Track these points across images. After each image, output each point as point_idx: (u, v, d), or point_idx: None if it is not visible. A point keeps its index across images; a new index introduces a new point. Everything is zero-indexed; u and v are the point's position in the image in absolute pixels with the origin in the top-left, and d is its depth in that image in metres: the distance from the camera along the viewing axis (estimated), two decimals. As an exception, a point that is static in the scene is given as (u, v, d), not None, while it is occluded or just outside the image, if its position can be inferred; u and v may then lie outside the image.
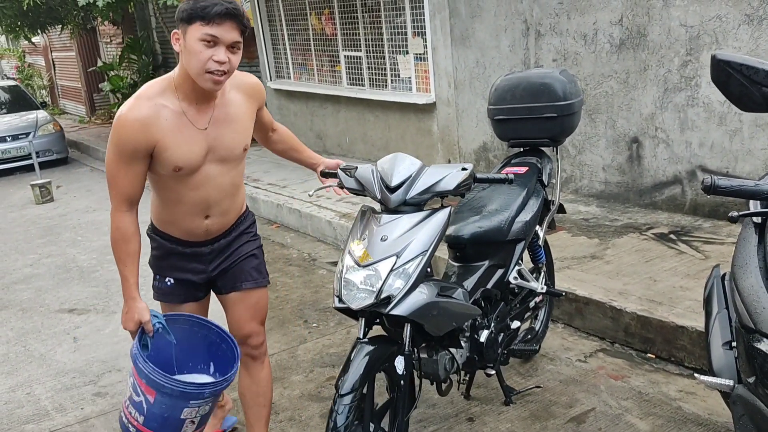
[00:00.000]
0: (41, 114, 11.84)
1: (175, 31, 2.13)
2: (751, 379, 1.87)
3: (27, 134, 10.94)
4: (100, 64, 13.90)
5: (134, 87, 12.62)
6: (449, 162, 6.59)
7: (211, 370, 2.48)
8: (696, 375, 2.10)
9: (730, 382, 2.03)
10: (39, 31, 12.94)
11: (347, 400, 2.19)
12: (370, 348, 2.32)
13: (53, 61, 18.26)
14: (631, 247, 4.28)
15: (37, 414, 3.43)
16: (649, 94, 4.76)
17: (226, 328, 2.51)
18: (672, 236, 4.36)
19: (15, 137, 10.95)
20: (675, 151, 4.69)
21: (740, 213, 1.57)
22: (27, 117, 11.60)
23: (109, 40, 14.57)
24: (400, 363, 2.38)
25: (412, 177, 2.42)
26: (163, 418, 2.23)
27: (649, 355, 3.32)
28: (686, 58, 4.48)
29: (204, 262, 2.46)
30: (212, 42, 2.05)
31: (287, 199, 6.50)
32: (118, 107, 9.82)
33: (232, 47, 2.10)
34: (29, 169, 9.97)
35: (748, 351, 2.01)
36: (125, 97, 12.88)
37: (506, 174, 3.12)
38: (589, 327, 3.62)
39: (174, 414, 2.24)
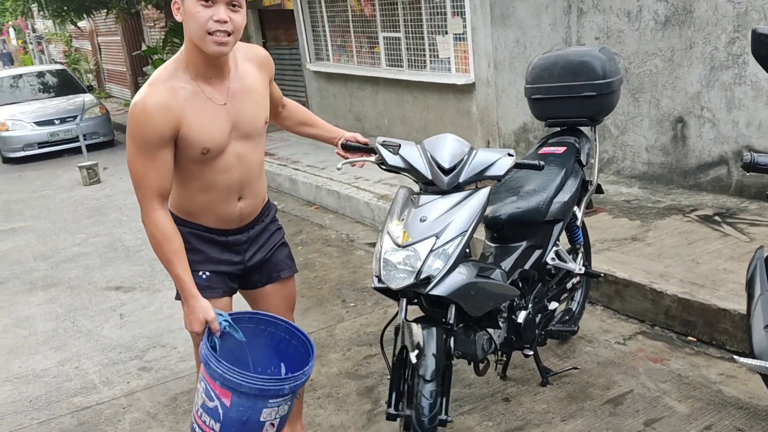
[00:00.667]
0: (88, 97, 12.12)
1: (174, 1, 2.03)
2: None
3: (74, 117, 11.22)
4: (144, 48, 14.12)
5: (177, 70, 12.82)
6: (488, 143, 6.54)
7: (283, 371, 2.31)
8: (736, 357, 2.07)
9: (772, 365, 1.99)
10: (84, 16, 13.20)
11: (432, 386, 2.23)
12: (437, 331, 2.34)
13: (99, 46, 18.65)
14: (674, 229, 4.20)
15: (84, 387, 3.56)
16: (694, 73, 4.63)
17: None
18: (716, 218, 4.26)
19: (63, 120, 11.24)
20: (721, 131, 4.56)
21: (781, 191, 1.53)
22: (74, 100, 11.90)
23: (152, 24, 14.79)
24: (451, 343, 2.40)
25: (464, 160, 2.43)
26: (241, 422, 2.06)
27: (690, 338, 3.27)
28: (733, 35, 4.34)
29: (240, 251, 2.35)
30: (210, 1, 1.96)
31: (326, 181, 6.54)
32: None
33: (232, 5, 2.00)
34: (77, 151, 10.23)
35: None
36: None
37: (544, 153, 3.13)
38: (628, 309, 3.57)
39: (253, 416, 2.06)
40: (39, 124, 11.09)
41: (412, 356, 2.28)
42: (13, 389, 3.62)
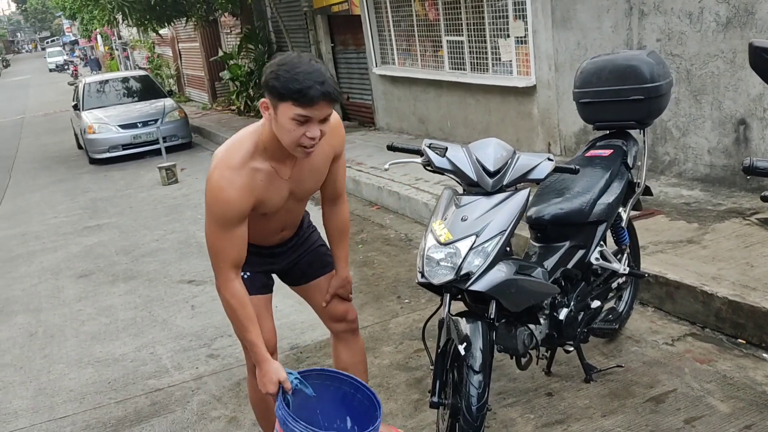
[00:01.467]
0: (168, 102, 12.75)
1: (263, 100, 2.10)
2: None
3: (155, 121, 11.84)
4: (220, 53, 14.73)
5: (251, 75, 13.31)
6: (549, 145, 6.57)
7: (348, 425, 2.39)
8: None
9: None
10: (166, 24, 13.89)
11: (480, 377, 2.36)
12: (483, 325, 2.47)
13: (179, 52, 19.50)
14: (732, 232, 4.16)
15: (158, 371, 3.86)
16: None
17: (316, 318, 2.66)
18: (777, 221, 4.20)
19: (145, 123, 11.88)
20: (785, 133, 4.48)
21: (774, 193, 1.59)
22: (155, 104, 12.54)
23: (229, 31, 15.40)
24: (492, 337, 2.53)
25: (508, 163, 2.56)
26: None
27: (740, 340, 3.27)
28: (799, 34, 4.26)
29: (279, 258, 2.59)
30: (306, 121, 2.04)
31: (387, 182, 6.73)
32: (237, 95, 10.39)
33: (322, 120, 2.09)
34: (157, 153, 10.81)
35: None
36: (243, 84, 13.62)
37: (590, 155, 3.21)
38: (679, 311, 3.59)
39: None
40: (123, 127, 11.75)
41: (461, 348, 2.41)
42: (94, 372, 3.97)
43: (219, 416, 3.30)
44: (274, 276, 2.69)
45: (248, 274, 2.47)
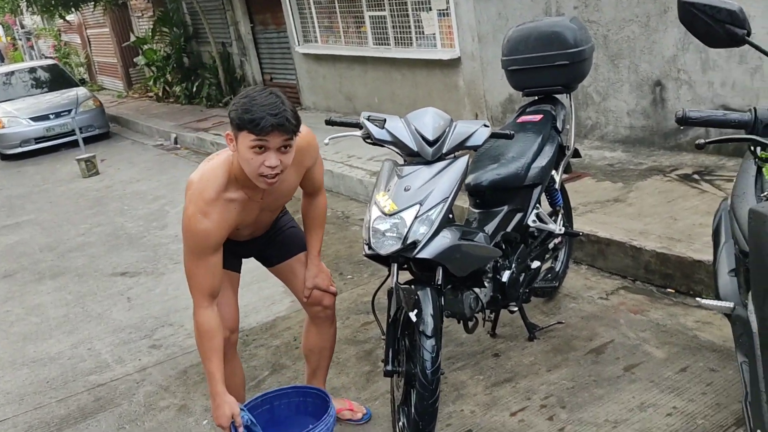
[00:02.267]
0: (81, 91, 12.22)
1: (228, 132, 2.19)
2: (748, 300, 2.01)
3: (69, 111, 11.34)
4: (133, 38, 14.18)
5: (167, 59, 12.90)
6: (476, 116, 6.69)
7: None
8: (698, 299, 2.24)
9: (730, 304, 2.17)
10: (72, 9, 13.25)
11: (433, 341, 2.39)
12: (431, 291, 2.51)
13: (88, 38, 18.66)
14: (655, 189, 4.37)
15: (98, 366, 3.75)
16: (670, 37, 4.77)
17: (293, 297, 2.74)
18: (695, 176, 4.43)
19: (58, 114, 11.34)
20: (698, 92, 4.71)
21: (706, 141, 1.69)
22: (67, 94, 11.99)
23: (140, 14, 14.84)
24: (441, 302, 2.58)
25: (446, 132, 2.60)
26: None
27: (669, 290, 3.45)
28: (706, -3, 4.47)
29: (249, 245, 2.63)
30: (263, 149, 2.11)
31: (320, 161, 6.69)
32: (154, 81, 10.05)
33: (283, 147, 2.14)
34: (74, 144, 10.37)
35: (744, 274, 2.14)
36: (159, 70, 13.19)
37: (522, 121, 3.29)
38: (611, 267, 3.75)
39: None
40: (34, 119, 11.20)
41: (412, 315, 2.45)
42: (30, 372, 3.82)
43: (168, 405, 3.25)
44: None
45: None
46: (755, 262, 1.53)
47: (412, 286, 2.55)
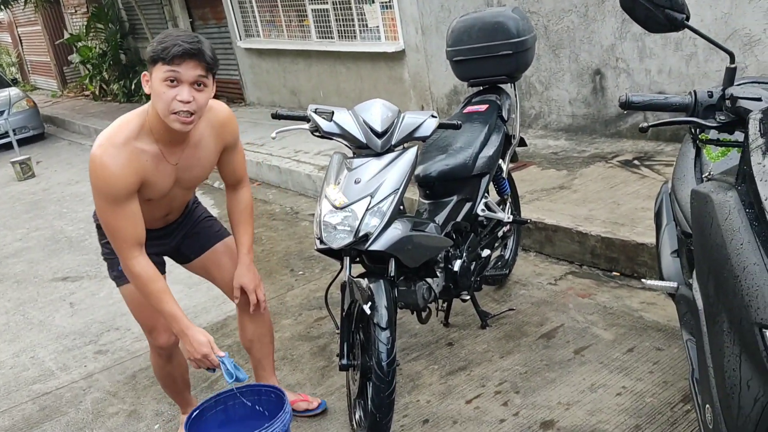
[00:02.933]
0: (14, 91, 11.76)
1: (144, 72, 2.12)
2: (691, 280, 2.06)
3: (1, 113, 10.89)
4: (66, 36, 13.73)
5: (103, 56, 12.52)
6: (422, 108, 6.71)
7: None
8: (643, 280, 2.30)
9: (674, 284, 2.24)
10: (2, 7, 12.72)
11: (388, 333, 2.38)
12: (385, 283, 2.49)
13: (20, 37, 17.98)
14: (598, 175, 4.47)
15: (42, 375, 3.62)
16: (608, 26, 4.88)
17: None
18: (636, 162, 4.55)
19: (-11, 116, 10.90)
20: (636, 80, 4.84)
21: (649, 124, 1.73)
22: (-1, 95, 11.53)
23: (73, 11, 14.36)
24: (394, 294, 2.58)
25: (395, 123, 2.59)
26: None
27: (614, 273, 3.54)
28: (641, -13, 4.59)
29: (165, 239, 2.53)
30: (175, 81, 2.04)
31: (266, 157, 6.62)
32: (90, 79, 9.77)
33: (197, 85, 2.08)
34: (7, 147, 9.98)
35: (687, 255, 2.21)
36: (96, 67, 12.79)
37: (468, 112, 3.32)
38: (558, 253, 3.82)
39: None
40: (-36, 121, 10.73)
41: (366, 308, 2.43)
42: (-31, 384, 3.66)
43: (117, 411, 3.16)
44: (168, 260, 2.62)
45: None
46: (698, 241, 1.58)
47: (365, 279, 2.55)
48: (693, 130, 1.75)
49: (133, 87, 11.98)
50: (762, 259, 1.34)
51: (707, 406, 1.55)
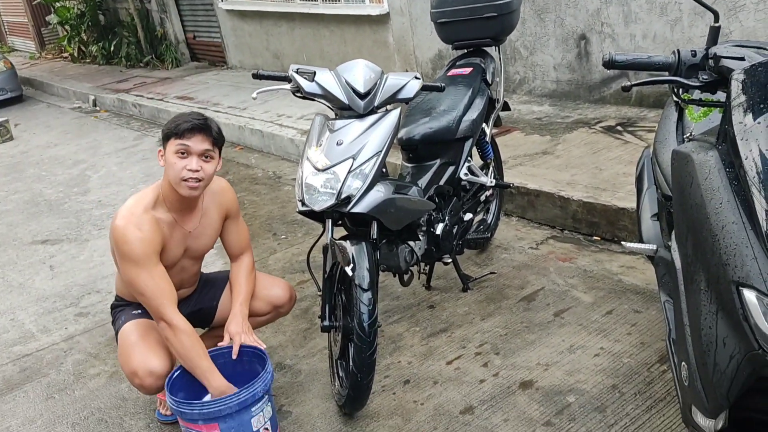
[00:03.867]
0: (-11, 52, 11.49)
1: (159, 149, 2.37)
2: (671, 242, 2.08)
3: (-23, 74, 10.66)
4: (43, -5, 13.36)
5: (82, 17, 12.24)
6: (407, 72, 6.64)
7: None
8: (623, 243, 2.32)
9: (653, 247, 2.26)
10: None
11: (369, 294, 2.38)
12: (367, 245, 2.49)
13: (-6, -4, 17.48)
14: (581, 141, 4.47)
15: (22, 337, 3.60)
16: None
17: None
18: (618, 128, 4.56)
19: (-35, 78, 10.66)
20: (620, 45, 4.82)
21: (632, 83, 1.73)
22: (-26, 56, 11.26)
23: (50, -30, 13.96)
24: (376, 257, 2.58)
25: (378, 84, 2.56)
26: None
27: (595, 237, 3.57)
28: (628, -49, 4.54)
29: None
30: (185, 153, 2.30)
31: (248, 121, 6.55)
32: (68, 41, 9.62)
33: (204, 156, 2.33)
34: (-16, 109, 9.79)
35: (667, 218, 2.23)
36: (74, 28, 12.51)
37: (452, 75, 3.29)
38: (540, 217, 3.84)
39: (246, 430, 2.24)
40: (-61, 83, 10.49)
41: (348, 270, 2.43)
42: (-52, 347, 3.63)
43: (98, 373, 3.16)
44: None
45: (141, 310, 2.53)
46: (678, 201, 1.59)
47: (347, 242, 2.54)
48: (675, 90, 1.74)
49: (112, 49, 11.75)
50: (740, 218, 1.35)
51: (683, 363, 1.57)
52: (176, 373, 2.39)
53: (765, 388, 1.44)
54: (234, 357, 2.44)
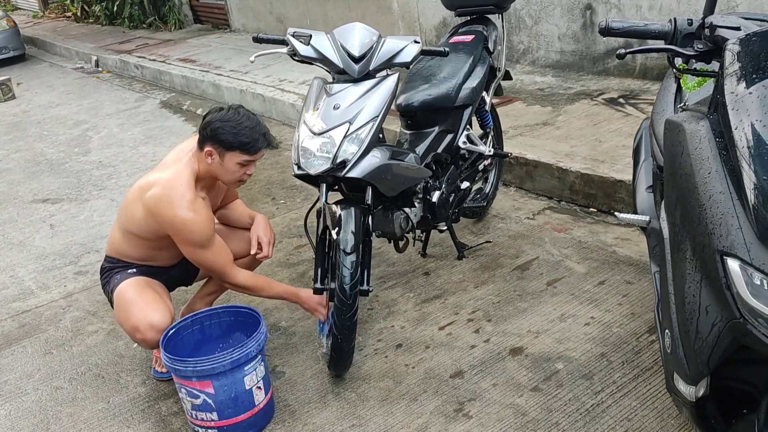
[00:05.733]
0: (-9, 10, 11.39)
1: (209, 149, 2.38)
2: (661, 211, 2.09)
3: (-21, 32, 10.59)
4: (46, -48, 13.22)
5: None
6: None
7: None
8: (616, 213, 2.33)
9: (646, 218, 2.27)
10: None
11: (352, 257, 2.40)
12: (355, 210, 2.50)
13: (-4, -48, 17.28)
14: (582, 112, 4.45)
15: (22, 293, 3.64)
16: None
17: None
18: (621, 100, 4.53)
19: (-33, 35, 10.60)
20: (626, 16, 4.77)
21: (626, 51, 1.72)
22: (-24, 14, 11.17)
23: (53, -74, 13.79)
24: (369, 222, 2.59)
25: (374, 48, 2.54)
26: (232, 399, 2.28)
27: (591, 209, 3.58)
28: None
29: (173, 270, 2.74)
30: (248, 163, 2.44)
31: (250, 85, 6.51)
32: (72, 0, 9.56)
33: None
34: (-14, 67, 9.75)
35: (660, 189, 2.24)
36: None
37: (454, 42, 3.27)
38: (538, 188, 3.85)
39: (239, 388, 2.28)
40: (-60, 40, 10.43)
41: (333, 233, 2.46)
42: (-52, 301, 3.68)
43: (96, 330, 3.20)
44: None
45: (135, 269, 2.62)
46: (668, 170, 1.59)
47: (337, 206, 2.56)
48: (671, 59, 1.74)
49: (115, 9, 11.64)
50: (728, 188, 1.36)
51: (666, 331, 1.60)
52: (171, 331, 2.42)
53: (745, 358, 1.46)
54: (269, 256, 2.71)
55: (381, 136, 2.67)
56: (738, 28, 1.58)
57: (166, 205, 2.37)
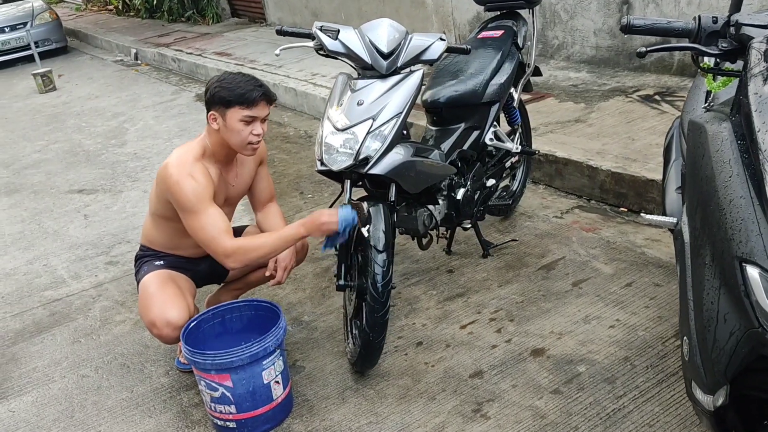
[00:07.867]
0: (37, 3, 11.66)
1: (212, 112, 2.39)
2: (683, 215, 2.03)
3: (24, 24, 10.86)
4: (90, -53, 13.47)
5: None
6: (444, 34, 6.54)
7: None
8: (642, 214, 2.28)
9: (673, 220, 2.20)
10: None
11: (384, 255, 2.40)
12: (384, 207, 2.50)
13: (43, -53, 17.65)
14: (616, 109, 4.36)
15: (54, 282, 3.73)
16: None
17: None
18: (656, 97, 4.42)
19: (13, 28, 10.86)
20: (664, 11, 4.65)
21: (648, 49, 1.66)
22: (23, 6, 11.46)
23: None
24: (394, 219, 2.59)
25: (401, 44, 2.53)
26: (250, 393, 2.30)
27: (622, 209, 3.50)
28: None
29: (201, 262, 2.73)
30: (251, 120, 2.38)
31: (283, 79, 6.55)
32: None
33: (263, 118, 2.43)
34: (30, 59, 9.99)
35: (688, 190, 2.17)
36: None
37: (483, 37, 3.23)
38: (567, 186, 3.78)
39: (257, 382, 2.30)
40: (-13, 32, 10.72)
41: (364, 231, 2.45)
42: (-15, 288, 3.79)
43: (124, 320, 3.26)
44: None
45: (163, 261, 2.64)
46: (690, 173, 1.54)
47: (365, 203, 2.55)
48: (695, 58, 1.68)
49: (155, 3, 11.81)
50: (749, 193, 1.31)
51: (685, 338, 1.55)
52: (192, 324, 2.45)
53: (766, 368, 1.41)
54: (282, 282, 2.63)
55: (405, 132, 2.65)
56: (766, 27, 1.52)
57: (167, 168, 2.41)
